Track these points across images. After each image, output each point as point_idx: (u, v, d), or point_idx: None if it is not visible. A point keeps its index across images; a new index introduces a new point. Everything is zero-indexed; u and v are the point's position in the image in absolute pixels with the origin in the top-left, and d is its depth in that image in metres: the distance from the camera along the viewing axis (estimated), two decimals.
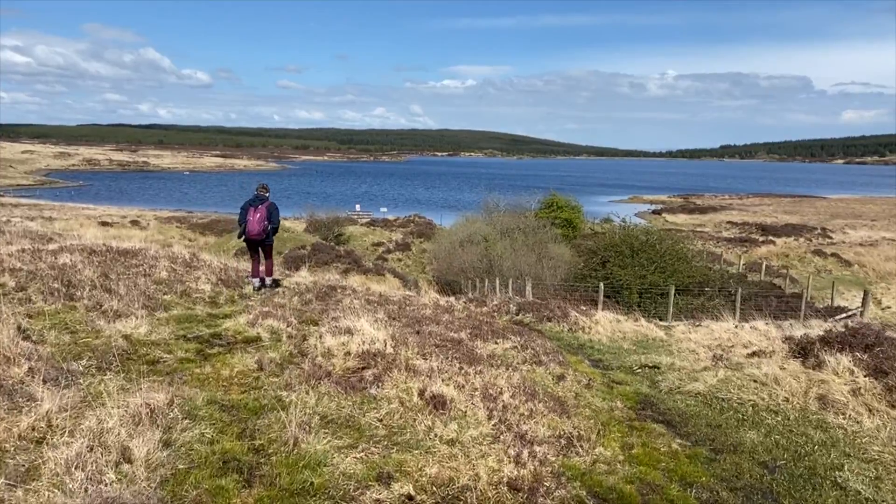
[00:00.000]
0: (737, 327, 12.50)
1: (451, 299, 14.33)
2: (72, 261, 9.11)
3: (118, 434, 3.83)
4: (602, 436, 4.86)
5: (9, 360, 4.81)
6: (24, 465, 3.57)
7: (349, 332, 6.59)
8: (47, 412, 4.08)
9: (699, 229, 77.05)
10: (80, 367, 5.20)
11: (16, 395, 4.32)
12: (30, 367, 4.82)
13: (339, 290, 12.95)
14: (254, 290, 10.53)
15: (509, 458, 4.30)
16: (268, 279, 11.17)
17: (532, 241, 42.36)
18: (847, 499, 4.67)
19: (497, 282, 25.33)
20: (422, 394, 4.92)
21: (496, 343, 7.37)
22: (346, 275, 29.02)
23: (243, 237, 10.67)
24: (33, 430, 3.94)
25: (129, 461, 3.60)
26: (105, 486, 3.37)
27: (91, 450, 3.64)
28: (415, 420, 4.55)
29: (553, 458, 4.51)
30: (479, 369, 5.82)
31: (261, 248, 11.03)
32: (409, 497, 3.79)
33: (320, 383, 5.10)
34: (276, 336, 6.77)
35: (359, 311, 8.55)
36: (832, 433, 5.73)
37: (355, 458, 4.13)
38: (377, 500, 3.73)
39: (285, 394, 4.87)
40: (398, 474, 4.01)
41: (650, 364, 7.89)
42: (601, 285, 21.71)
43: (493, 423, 4.62)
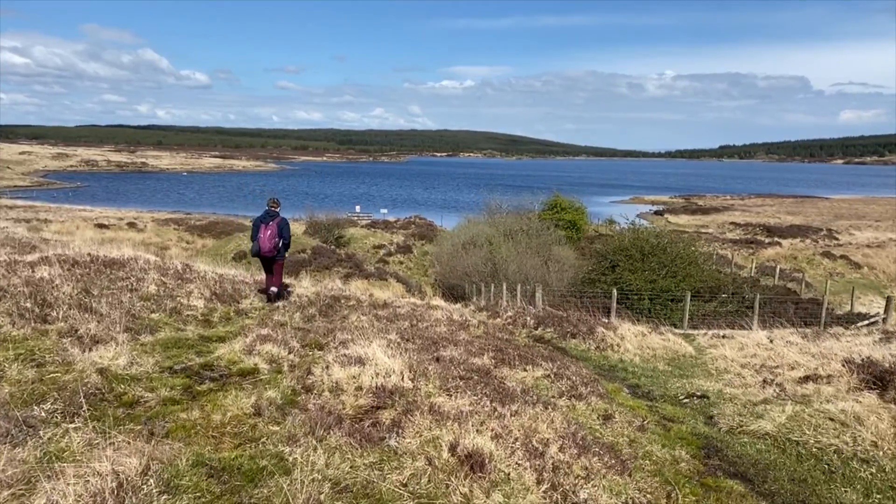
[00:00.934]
0: (771, 341, 11.63)
1: (464, 311, 13.47)
2: (50, 275, 8.25)
3: None
4: (673, 500, 4.00)
5: None
6: None
7: (360, 361, 5.72)
8: None
9: (702, 230, 76.28)
10: (43, 414, 4.34)
11: None
12: None
13: (343, 302, 12.11)
14: (268, 301, 10.36)
15: None
16: (273, 288, 10.93)
17: (536, 243, 41.51)
18: None
19: (504, 287, 24.44)
20: (453, 449, 4.06)
21: (525, 370, 6.52)
22: (347, 280, 28.15)
23: (253, 253, 10.67)
24: None
25: None
26: None
27: None
28: (447, 486, 3.69)
29: None
30: (514, 409, 4.96)
31: (271, 264, 10.94)
32: None
33: (330, 433, 4.24)
34: (275, 366, 5.92)
35: (368, 330, 7.69)
36: None
37: None
38: None
39: (288, 449, 4.01)
40: None
41: (697, 393, 7.03)
42: (614, 292, 20.87)
43: (543, 488, 3.76)
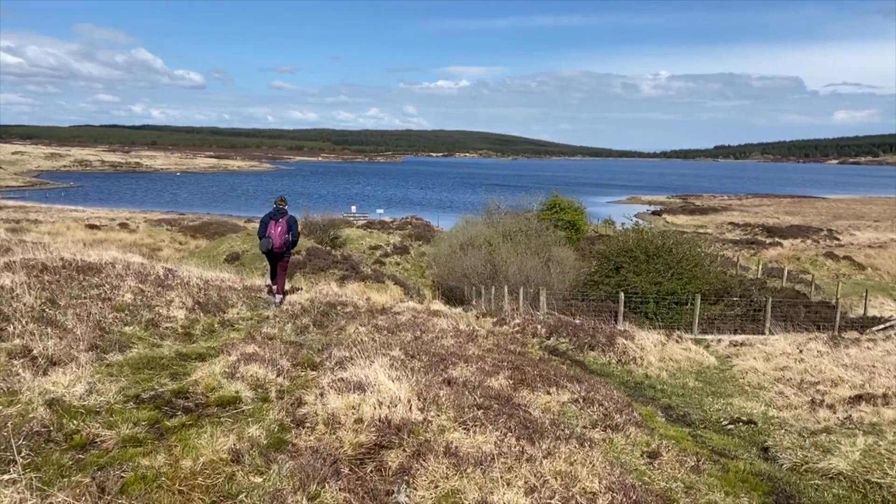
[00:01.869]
0: (801, 351, 10.84)
1: (468, 316, 12.66)
2: (13, 283, 7.39)
3: None
4: None
5: None
6: None
7: (360, 387, 4.89)
8: None
9: (701, 231, 75.65)
10: None
11: None
12: None
13: (339, 309, 11.29)
14: (276, 305, 10.36)
15: None
16: (278, 297, 10.97)
17: (535, 244, 40.69)
18: None
19: (505, 290, 23.63)
20: None
21: (548, 393, 5.71)
22: (343, 282, 27.29)
23: (266, 250, 10.83)
24: None
25: None
26: None
27: None
28: None
29: None
30: (545, 447, 4.14)
31: (279, 261, 11.16)
32: None
33: (324, 487, 3.42)
34: (261, 392, 5.08)
35: (367, 345, 6.86)
36: None
37: None
38: None
39: None
40: None
41: (742, 417, 6.24)
42: (621, 296, 20.07)
43: None
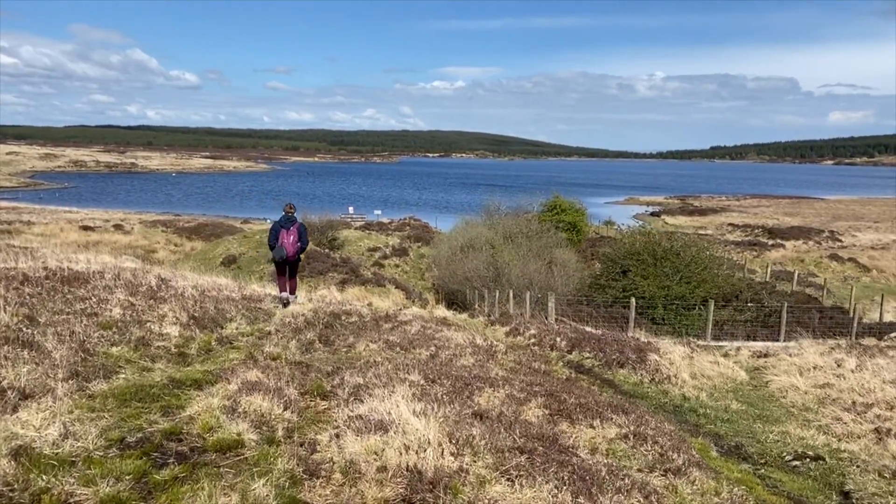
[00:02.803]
0: (839, 365, 10.17)
1: (479, 325, 11.99)
2: None
3: None
4: None
5: None
6: None
7: (382, 426, 4.21)
8: None
9: (701, 232, 75.15)
10: None
11: None
12: None
13: (344, 319, 10.61)
14: (283, 307, 10.48)
15: None
16: (291, 297, 11.33)
17: (537, 246, 40.01)
18: None
19: (510, 294, 22.94)
20: None
21: (591, 426, 5.04)
22: (343, 287, 26.59)
23: (279, 258, 10.93)
24: None
25: None
26: None
27: None
28: None
29: None
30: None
31: (289, 267, 11.49)
32: None
33: None
34: (267, 432, 4.39)
35: (381, 366, 6.17)
36: None
37: None
38: None
39: None
40: None
41: (808, 452, 5.59)
42: (633, 301, 19.40)
43: None
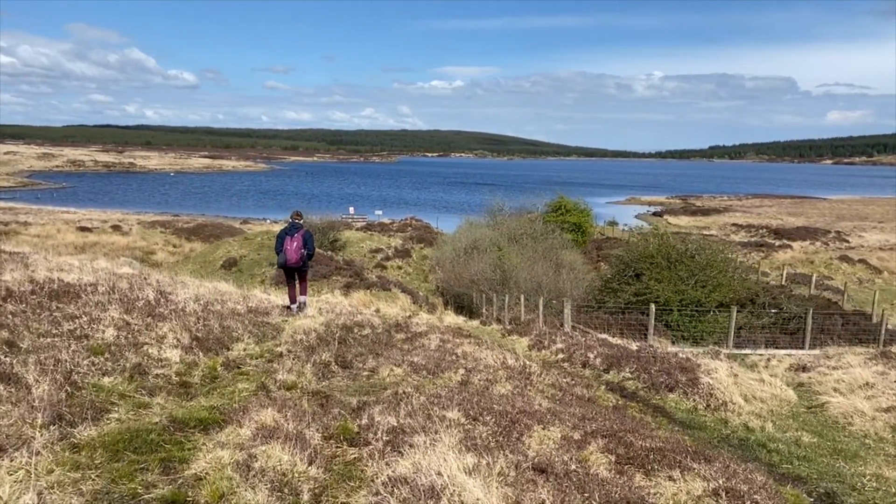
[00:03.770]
0: (886, 378, 9.36)
1: (494, 332, 11.22)
2: None
3: None
4: None
5: None
6: None
7: (432, 492, 3.43)
8: None
9: (705, 232, 74.47)
10: None
11: None
12: None
13: (357, 332, 9.83)
14: (293, 313, 10.55)
15: None
16: (300, 298, 11.51)
17: (542, 247, 39.23)
18: None
19: (521, 300, 22.15)
20: None
21: (671, 479, 4.26)
22: (348, 290, 25.80)
23: (282, 265, 11.14)
24: None
25: None
26: None
27: None
28: None
29: None
30: None
31: (297, 274, 11.56)
32: None
33: None
34: (290, 500, 3.61)
35: (412, 399, 5.38)
36: None
37: None
38: None
39: None
40: None
41: None
42: (652, 307, 18.61)
43: None
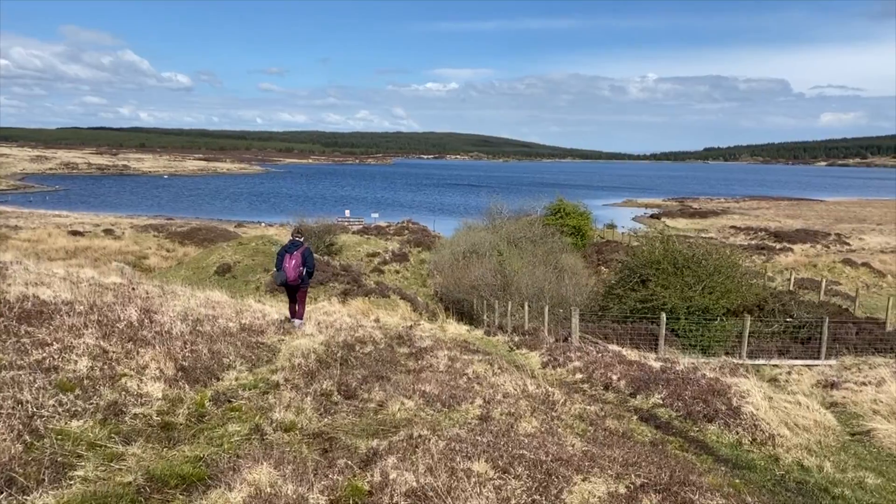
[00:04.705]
0: None
1: (499, 345, 10.51)
2: None
3: None
4: None
5: None
6: None
7: None
8: None
9: (703, 235, 73.95)
10: None
11: None
12: None
13: (359, 351, 9.11)
14: (295, 327, 10.42)
15: None
16: (296, 322, 11.12)
17: (542, 251, 38.54)
18: None
19: (526, 308, 21.45)
20: None
21: None
22: (346, 298, 25.05)
23: (281, 283, 11.11)
24: None
25: None
26: None
27: None
28: None
29: None
30: None
31: (296, 292, 11.40)
32: None
33: None
34: None
35: (429, 444, 4.65)
36: None
37: None
38: None
39: None
40: None
41: None
42: (663, 316, 17.89)
43: None
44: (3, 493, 3.47)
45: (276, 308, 16.05)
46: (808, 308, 24.03)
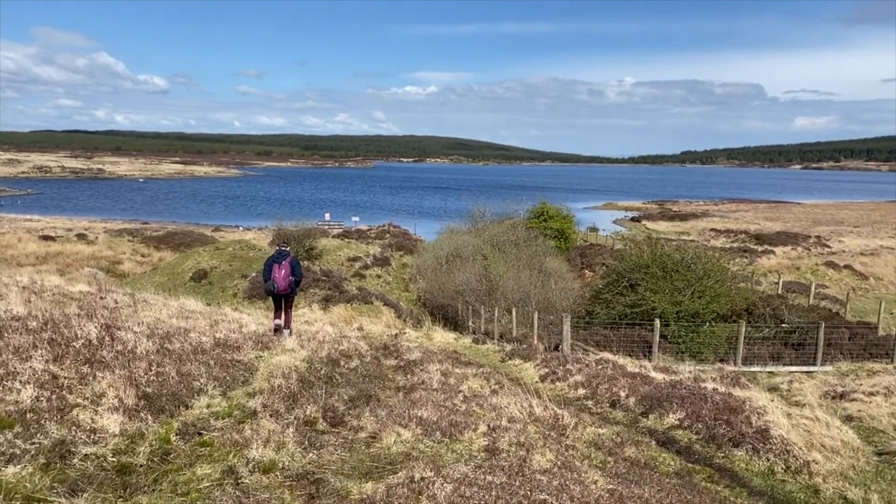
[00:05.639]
0: None
1: (491, 354, 9.86)
2: None
3: None
4: None
5: None
6: None
7: None
8: None
9: (684, 238, 74.01)
10: None
11: None
12: None
13: (344, 366, 8.41)
14: (280, 337, 10.31)
15: None
16: (286, 330, 11.22)
17: (526, 254, 37.97)
18: None
19: (514, 314, 20.84)
20: None
21: None
22: (327, 304, 24.27)
23: (271, 293, 11.29)
24: None
25: None
26: None
27: None
28: None
29: None
30: None
31: (284, 301, 11.43)
32: None
33: None
34: None
35: (434, 489, 3.96)
36: None
37: None
38: None
39: None
40: None
41: None
42: (657, 323, 17.36)
43: None
44: None
45: (254, 317, 15.23)
46: (798, 312, 23.68)
